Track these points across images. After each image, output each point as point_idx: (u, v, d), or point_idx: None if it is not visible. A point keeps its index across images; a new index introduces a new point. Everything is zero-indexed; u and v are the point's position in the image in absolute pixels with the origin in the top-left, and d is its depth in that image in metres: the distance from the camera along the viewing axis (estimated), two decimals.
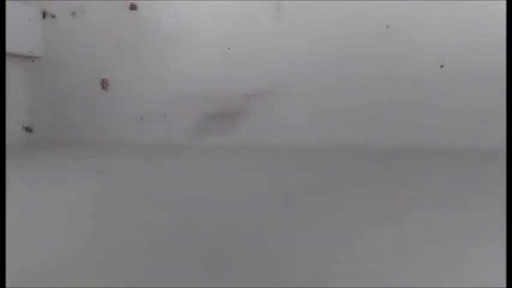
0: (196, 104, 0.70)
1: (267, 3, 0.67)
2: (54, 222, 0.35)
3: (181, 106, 0.70)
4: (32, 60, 0.75)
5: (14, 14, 0.69)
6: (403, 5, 0.62)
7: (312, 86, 0.67)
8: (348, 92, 0.66)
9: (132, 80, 0.72)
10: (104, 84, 0.73)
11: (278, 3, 0.67)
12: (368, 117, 0.65)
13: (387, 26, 0.63)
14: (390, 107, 0.64)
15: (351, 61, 0.65)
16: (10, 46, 0.68)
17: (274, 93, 0.68)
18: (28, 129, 0.76)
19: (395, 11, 0.63)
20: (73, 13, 0.73)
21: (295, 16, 0.67)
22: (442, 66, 0.62)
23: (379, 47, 0.64)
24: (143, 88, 0.72)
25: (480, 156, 0.57)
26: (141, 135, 0.72)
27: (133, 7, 0.70)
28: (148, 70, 0.72)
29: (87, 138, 0.73)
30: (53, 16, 0.74)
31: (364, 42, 0.64)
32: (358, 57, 0.65)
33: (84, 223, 0.34)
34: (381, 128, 0.65)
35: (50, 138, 0.74)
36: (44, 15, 0.74)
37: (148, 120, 0.72)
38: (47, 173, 0.55)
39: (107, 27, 0.72)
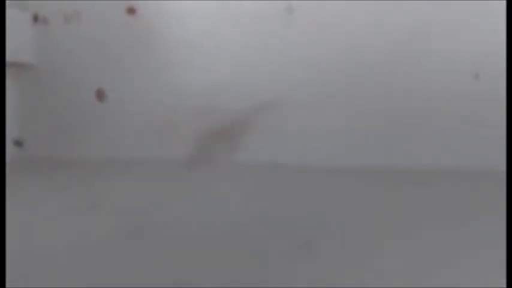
0: (200, 116, 0.65)
1: (277, 7, 0.62)
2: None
3: (184, 119, 0.65)
4: (22, 69, 0.69)
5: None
6: (432, 9, 0.57)
7: (328, 98, 0.61)
8: (366, 106, 0.61)
9: (131, 90, 0.67)
10: (101, 95, 0.67)
11: (289, 7, 0.62)
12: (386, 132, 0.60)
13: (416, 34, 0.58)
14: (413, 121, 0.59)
15: (371, 72, 0.60)
16: None
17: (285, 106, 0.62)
18: (18, 143, 0.70)
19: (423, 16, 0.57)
20: (67, 17, 0.68)
21: (308, 22, 0.61)
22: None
23: (403, 56, 0.59)
24: (143, 99, 0.66)
25: None
26: (141, 151, 0.66)
27: (131, 11, 0.65)
28: (149, 80, 0.66)
29: (80, 154, 0.67)
30: (46, 20, 0.68)
31: (388, 50, 0.59)
32: (382, 66, 0.59)
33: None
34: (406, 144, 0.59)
35: (41, 155, 0.69)
36: (36, 19, 0.69)
37: (149, 134, 0.66)
38: (37, 195, 0.51)
39: (104, 32, 0.67)
